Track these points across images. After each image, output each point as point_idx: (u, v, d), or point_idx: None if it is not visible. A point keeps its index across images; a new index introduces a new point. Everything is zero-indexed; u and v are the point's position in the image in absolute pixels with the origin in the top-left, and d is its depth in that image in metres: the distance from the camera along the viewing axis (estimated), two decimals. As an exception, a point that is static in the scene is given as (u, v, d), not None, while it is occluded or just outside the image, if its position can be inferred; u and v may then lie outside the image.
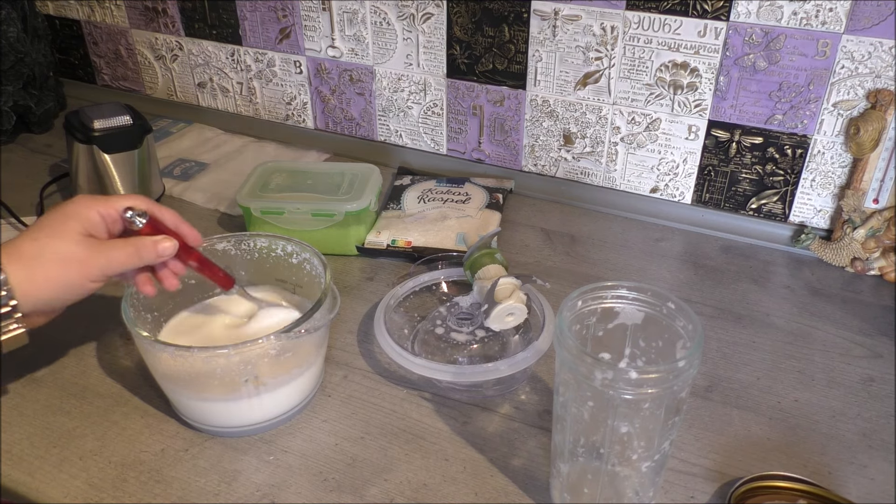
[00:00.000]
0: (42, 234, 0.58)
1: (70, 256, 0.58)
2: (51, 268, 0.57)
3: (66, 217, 0.59)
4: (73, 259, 0.58)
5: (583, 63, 0.93)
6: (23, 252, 0.57)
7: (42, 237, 0.58)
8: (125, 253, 0.60)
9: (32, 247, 0.57)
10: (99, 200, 0.61)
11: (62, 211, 0.60)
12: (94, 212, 0.60)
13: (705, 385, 0.70)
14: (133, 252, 0.60)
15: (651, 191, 0.98)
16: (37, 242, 0.57)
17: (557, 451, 0.56)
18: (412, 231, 0.89)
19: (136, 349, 0.73)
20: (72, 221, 0.59)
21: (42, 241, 0.58)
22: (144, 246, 0.61)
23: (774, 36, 0.82)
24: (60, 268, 0.58)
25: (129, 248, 0.60)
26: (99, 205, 0.61)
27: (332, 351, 0.74)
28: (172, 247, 0.62)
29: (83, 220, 0.59)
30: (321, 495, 0.59)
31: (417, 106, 1.06)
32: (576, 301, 0.54)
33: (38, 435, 0.65)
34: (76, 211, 0.60)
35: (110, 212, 0.61)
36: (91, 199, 0.61)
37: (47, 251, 0.57)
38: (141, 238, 0.61)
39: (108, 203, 0.61)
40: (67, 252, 0.58)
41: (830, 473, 0.61)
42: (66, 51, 1.32)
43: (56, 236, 0.58)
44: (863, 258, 0.86)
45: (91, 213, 0.60)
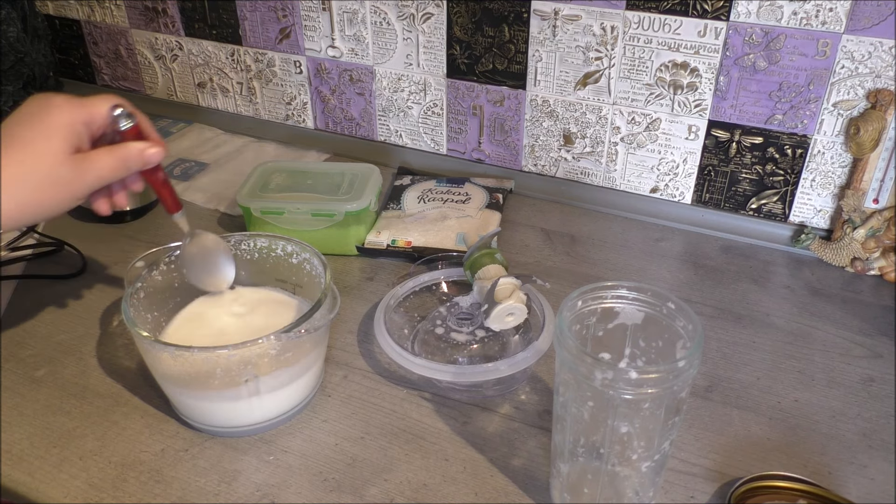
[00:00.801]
0: (27, 154, 0.54)
1: (58, 179, 0.55)
2: (38, 193, 0.55)
3: (48, 132, 0.55)
4: (61, 181, 0.55)
5: (583, 63, 0.93)
6: (8, 176, 0.54)
7: (28, 159, 0.54)
8: (112, 166, 0.57)
9: (18, 171, 0.54)
10: (81, 107, 0.57)
11: (43, 123, 0.56)
12: (79, 122, 0.57)
13: (705, 385, 0.70)
14: (120, 164, 0.58)
15: (651, 191, 0.98)
16: (23, 166, 0.54)
17: (557, 451, 0.56)
18: (412, 231, 0.89)
19: (136, 349, 0.73)
20: (56, 138, 0.55)
21: (28, 164, 0.54)
22: (131, 155, 0.58)
23: (774, 36, 0.82)
24: (49, 191, 0.55)
25: (116, 160, 0.57)
26: (82, 112, 0.57)
27: (332, 351, 0.74)
28: (160, 152, 0.60)
29: (67, 135, 0.56)
30: (321, 495, 0.59)
31: (417, 106, 1.06)
32: (576, 301, 0.54)
33: (38, 435, 0.65)
34: (59, 123, 0.56)
35: (95, 118, 0.58)
36: (70, 104, 0.57)
37: (35, 176, 0.54)
38: (126, 146, 0.58)
39: (91, 108, 0.58)
40: (55, 175, 0.55)
41: (830, 473, 0.61)
42: (66, 51, 1.32)
43: (42, 157, 0.55)
44: (863, 258, 0.86)
45: (75, 124, 0.57)
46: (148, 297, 0.68)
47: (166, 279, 0.70)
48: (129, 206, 0.96)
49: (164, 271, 0.70)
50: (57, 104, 0.57)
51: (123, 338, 0.76)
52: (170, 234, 0.94)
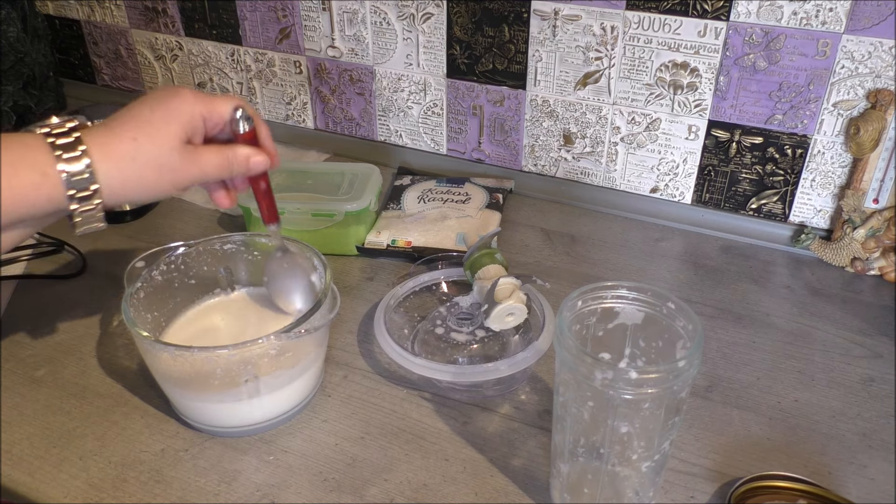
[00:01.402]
0: (142, 133, 0.55)
1: (165, 164, 0.55)
2: (144, 172, 0.55)
3: (168, 117, 0.56)
4: (167, 167, 0.55)
5: (583, 63, 0.93)
6: (118, 150, 0.54)
7: (141, 138, 0.54)
8: (216, 165, 0.58)
9: (130, 147, 0.54)
10: (205, 101, 0.58)
11: (166, 108, 0.56)
12: (199, 115, 0.57)
13: (705, 385, 0.70)
14: (225, 164, 0.59)
15: (651, 191, 0.98)
16: (135, 143, 0.54)
17: (557, 451, 0.56)
18: (412, 231, 0.89)
19: (136, 349, 0.73)
20: (174, 124, 0.56)
21: (140, 142, 0.54)
22: (237, 158, 0.59)
23: (774, 36, 0.82)
24: (154, 174, 0.55)
25: (222, 160, 0.58)
26: (204, 107, 0.58)
27: (332, 351, 0.74)
28: (264, 162, 0.61)
29: (185, 124, 0.56)
30: (321, 495, 0.59)
31: (417, 106, 1.06)
32: (576, 301, 0.54)
33: (38, 435, 0.65)
34: (181, 111, 0.57)
35: (213, 115, 0.58)
36: (196, 97, 0.58)
37: (144, 154, 0.54)
38: (234, 149, 0.59)
39: (214, 105, 0.58)
40: (164, 160, 0.55)
41: (830, 473, 0.61)
42: (66, 51, 1.32)
43: (155, 139, 0.55)
44: (863, 258, 0.86)
45: (195, 117, 0.57)
46: (148, 297, 0.68)
47: (166, 279, 0.70)
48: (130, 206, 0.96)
49: (164, 271, 0.70)
50: (182, 94, 0.58)
51: (123, 338, 0.76)
52: (170, 235, 0.94)
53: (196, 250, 0.72)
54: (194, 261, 0.72)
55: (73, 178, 0.51)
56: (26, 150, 0.51)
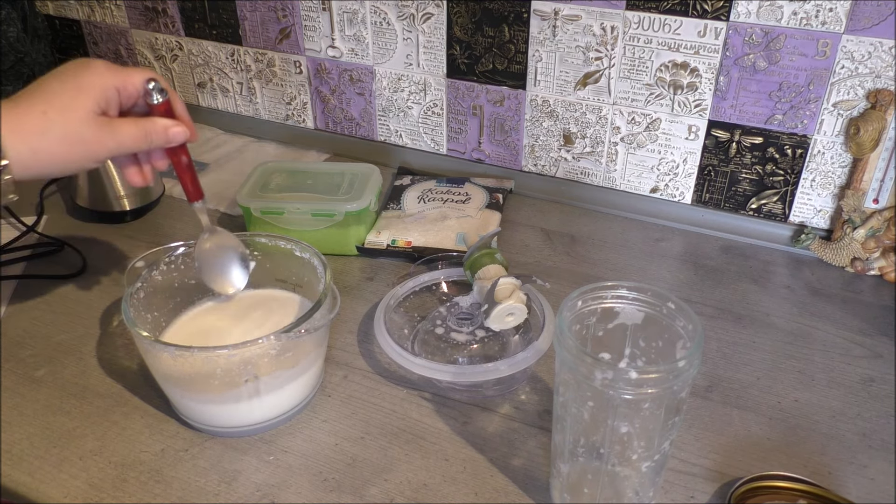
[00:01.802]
0: (52, 107, 0.54)
1: (78, 138, 0.54)
2: (56, 147, 0.54)
3: (79, 90, 0.55)
4: (81, 140, 0.55)
5: (583, 63, 0.93)
6: (28, 126, 0.53)
7: (52, 112, 0.54)
8: (134, 136, 0.57)
9: (40, 121, 0.53)
10: (117, 73, 0.57)
11: (77, 80, 0.55)
12: (112, 87, 0.57)
13: (705, 385, 0.70)
14: (143, 136, 0.58)
15: (651, 191, 0.98)
16: (45, 117, 0.54)
17: (557, 451, 0.56)
18: (412, 231, 0.89)
19: (136, 349, 0.73)
20: (85, 96, 0.55)
21: (51, 116, 0.54)
22: (155, 129, 0.58)
23: (774, 36, 0.82)
24: (66, 147, 0.54)
25: (139, 132, 0.57)
26: (117, 78, 0.57)
27: (332, 351, 0.74)
28: (183, 132, 0.60)
29: (97, 96, 0.56)
30: (321, 495, 0.59)
31: (417, 106, 1.06)
32: (576, 301, 0.54)
33: (38, 435, 0.65)
34: (92, 83, 0.56)
35: (127, 86, 0.57)
36: (108, 69, 0.57)
37: (55, 129, 0.54)
38: (152, 120, 0.58)
39: (126, 76, 0.57)
40: (76, 133, 0.54)
41: (830, 473, 0.61)
42: (66, 51, 1.32)
43: (66, 112, 0.54)
44: (863, 258, 0.86)
45: (108, 89, 0.56)
46: (148, 297, 0.68)
47: (166, 279, 0.70)
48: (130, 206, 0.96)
49: (164, 271, 0.70)
50: (94, 66, 0.57)
51: (123, 338, 0.76)
52: (170, 235, 0.94)
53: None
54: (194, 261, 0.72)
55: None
56: None
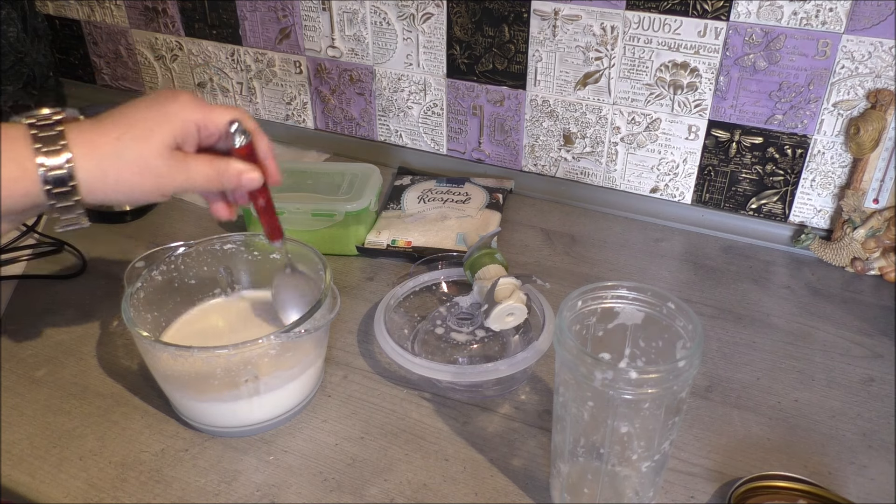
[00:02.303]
0: (128, 133, 0.53)
1: (149, 168, 0.53)
2: (125, 173, 0.53)
3: (159, 120, 0.54)
4: (151, 171, 0.53)
5: (583, 63, 0.93)
6: (101, 147, 0.52)
7: (126, 138, 0.53)
8: (206, 176, 0.56)
9: (113, 145, 0.52)
10: (202, 109, 0.56)
11: (160, 109, 0.55)
12: (193, 123, 0.56)
13: (705, 385, 0.70)
14: (215, 177, 0.57)
15: (651, 191, 0.98)
16: (119, 142, 0.53)
17: (557, 451, 0.56)
18: (412, 231, 0.89)
19: (136, 349, 0.73)
20: (163, 128, 0.54)
21: (125, 141, 0.53)
22: (228, 173, 0.57)
23: (774, 36, 0.82)
24: (135, 176, 0.53)
25: (212, 172, 0.56)
26: (200, 114, 0.56)
27: (332, 351, 0.74)
28: (257, 180, 0.59)
29: (176, 129, 0.55)
30: (321, 495, 0.59)
31: (417, 106, 1.06)
32: (576, 301, 0.54)
33: (38, 435, 0.65)
34: (174, 115, 0.55)
35: (209, 125, 0.57)
36: (194, 104, 0.56)
37: (128, 155, 0.53)
38: (226, 162, 0.57)
39: (210, 114, 0.56)
40: (148, 163, 0.53)
41: (830, 473, 0.61)
42: (66, 51, 1.32)
43: (142, 141, 0.53)
44: (863, 258, 0.86)
45: (189, 123, 0.55)
46: (148, 297, 0.68)
47: (166, 279, 0.70)
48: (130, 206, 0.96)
49: (164, 271, 0.70)
50: (179, 99, 0.56)
51: (123, 338, 0.76)
52: (170, 235, 0.94)
53: (196, 250, 0.72)
54: (194, 261, 0.72)
55: (50, 172, 0.50)
56: (8, 143, 0.50)
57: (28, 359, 0.73)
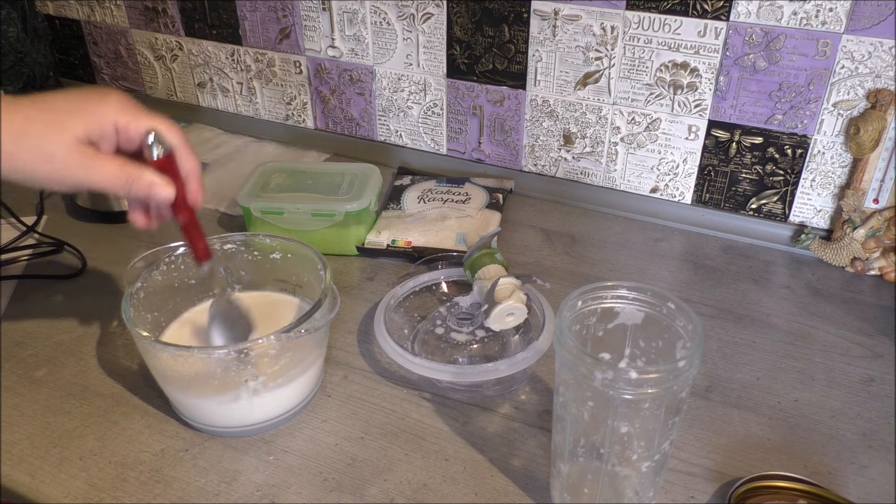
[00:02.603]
0: (41, 116, 0.53)
1: (49, 156, 0.53)
2: (26, 156, 0.52)
3: (79, 113, 0.54)
4: (50, 159, 0.53)
5: (583, 63, 0.93)
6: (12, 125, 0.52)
7: (39, 122, 0.53)
8: (111, 177, 0.55)
9: (24, 126, 0.52)
10: (126, 113, 0.55)
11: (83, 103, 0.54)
12: (111, 124, 0.55)
13: (705, 385, 0.70)
14: (122, 182, 0.55)
15: (651, 191, 0.98)
16: (27, 122, 0.52)
17: (557, 451, 0.56)
18: (412, 231, 0.89)
19: (136, 349, 0.73)
20: (77, 120, 0.53)
21: (36, 126, 0.52)
22: (139, 181, 0.55)
23: (774, 36, 0.82)
24: (35, 161, 0.53)
25: (120, 176, 0.55)
26: (121, 118, 0.55)
27: (332, 351, 0.74)
28: (168, 194, 0.57)
29: (91, 125, 0.54)
30: (321, 495, 0.59)
31: (417, 106, 1.06)
32: (576, 301, 0.54)
33: (38, 435, 0.65)
34: (94, 111, 0.54)
35: (129, 130, 0.56)
36: (120, 106, 0.55)
37: (31, 140, 0.52)
38: (138, 170, 0.55)
39: (132, 120, 0.56)
40: (48, 151, 0.53)
41: (830, 473, 0.61)
42: (66, 51, 1.32)
43: (51, 129, 0.53)
44: (863, 258, 0.86)
45: (107, 124, 0.55)
46: (148, 297, 0.68)
47: (166, 279, 0.70)
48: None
49: (164, 271, 0.70)
50: (108, 98, 0.55)
51: (123, 338, 0.76)
52: (170, 235, 0.94)
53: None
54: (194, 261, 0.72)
55: None
56: None
57: (28, 359, 0.73)
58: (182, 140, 0.58)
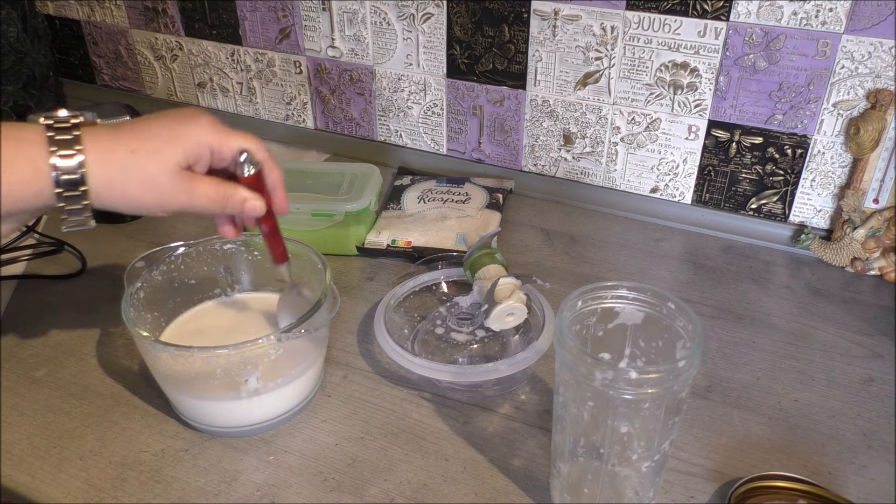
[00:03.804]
0: (142, 147, 0.54)
1: (155, 184, 0.54)
2: (132, 185, 0.54)
3: (176, 138, 0.55)
4: (156, 187, 0.55)
5: (583, 63, 0.93)
6: (114, 156, 0.53)
7: (140, 151, 0.54)
8: (210, 198, 0.57)
9: (125, 157, 0.53)
10: (218, 133, 0.57)
11: (177, 127, 0.56)
12: (207, 146, 0.57)
13: (705, 385, 0.70)
14: (219, 201, 0.58)
15: (651, 191, 0.98)
16: (132, 155, 0.54)
17: (557, 451, 0.56)
18: (412, 231, 0.89)
19: (136, 349, 0.73)
20: (178, 147, 0.55)
21: (138, 155, 0.54)
22: (233, 199, 0.58)
23: (774, 36, 0.82)
24: (140, 189, 0.54)
25: (217, 197, 0.57)
26: (215, 139, 0.57)
27: (332, 351, 0.74)
28: (260, 209, 0.60)
29: (189, 150, 0.56)
30: (321, 495, 0.59)
31: (417, 106, 1.06)
32: (576, 301, 0.54)
33: (38, 435, 0.65)
34: (189, 136, 0.56)
35: (223, 150, 0.58)
36: (211, 127, 0.57)
37: (136, 169, 0.54)
38: (233, 188, 0.58)
39: (224, 140, 0.58)
40: (155, 179, 0.54)
41: (830, 473, 0.61)
42: (66, 51, 1.32)
43: (153, 156, 0.54)
44: (863, 258, 0.86)
45: (202, 147, 0.57)
46: (148, 297, 0.68)
47: (166, 279, 0.70)
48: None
49: (164, 271, 0.70)
50: (198, 120, 0.57)
51: (123, 338, 0.76)
52: (170, 235, 0.94)
53: (196, 250, 0.72)
54: (194, 261, 0.72)
55: (62, 174, 0.51)
56: (24, 144, 0.51)
57: (28, 359, 0.73)
58: (267, 154, 0.61)
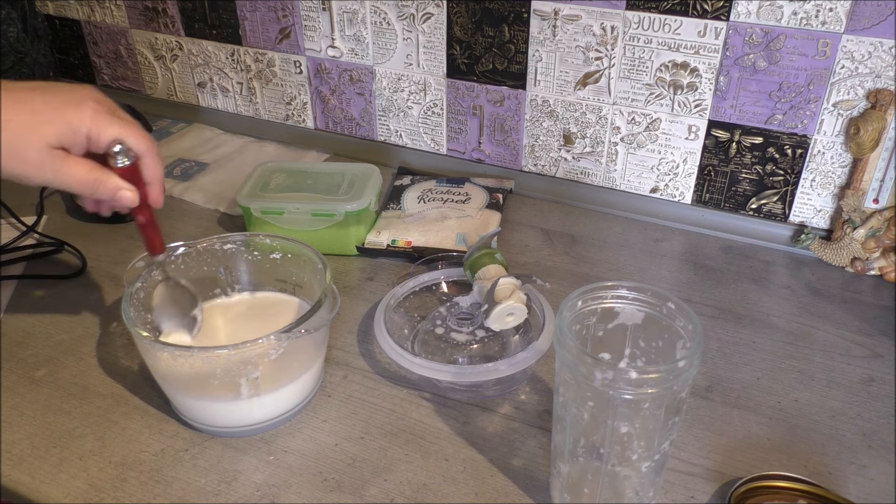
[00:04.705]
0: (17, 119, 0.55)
1: (22, 158, 0.55)
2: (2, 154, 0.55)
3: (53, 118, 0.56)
4: (23, 161, 0.55)
5: (583, 63, 0.93)
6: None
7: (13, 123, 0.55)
8: (79, 182, 0.58)
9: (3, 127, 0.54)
10: (97, 122, 0.58)
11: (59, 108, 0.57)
12: (83, 133, 0.57)
13: (705, 385, 0.70)
14: (89, 185, 0.58)
15: (651, 191, 0.98)
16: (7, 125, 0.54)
17: (557, 451, 0.56)
18: (412, 231, 0.89)
19: (136, 349, 0.73)
20: (52, 127, 0.56)
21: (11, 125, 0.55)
22: (104, 185, 0.59)
23: (774, 36, 0.82)
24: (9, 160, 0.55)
25: (87, 180, 0.58)
26: (93, 127, 0.57)
27: (332, 351, 0.74)
28: (132, 199, 0.61)
29: (63, 133, 0.57)
30: (321, 495, 0.59)
31: (417, 106, 1.06)
32: (576, 301, 0.54)
33: (38, 435, 0.65)
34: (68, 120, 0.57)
35: (99, 139, 0.58)
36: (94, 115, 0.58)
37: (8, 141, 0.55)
38: (106, 175, 0.59)
39: (103, 130, 0.58)
40: (23, 153, 0.55)
41: (830, 473, 0.61)
42: (66, 51, 1.32)
43: (24, 130, 0.55)
44: (863, 258, 0.86)
45: (78, 132, 0.57)
46: (148, 297, 0.68)
47: (166, 279, 0.70)
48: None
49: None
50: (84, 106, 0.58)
51: (123, 338, 0.76)
52: (170, 235, 0.94)
53: (196, 250, 0.72)
54: (194, 261, 0.72)
55: None
56: None
57: (28, 359, 0.73)
58: (149, 147, 0.62)
